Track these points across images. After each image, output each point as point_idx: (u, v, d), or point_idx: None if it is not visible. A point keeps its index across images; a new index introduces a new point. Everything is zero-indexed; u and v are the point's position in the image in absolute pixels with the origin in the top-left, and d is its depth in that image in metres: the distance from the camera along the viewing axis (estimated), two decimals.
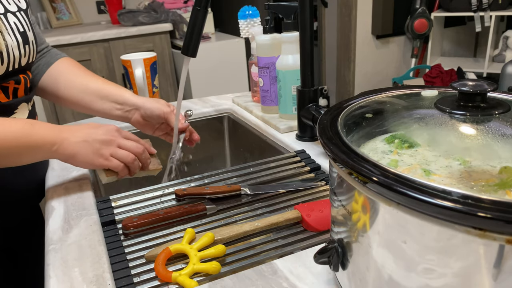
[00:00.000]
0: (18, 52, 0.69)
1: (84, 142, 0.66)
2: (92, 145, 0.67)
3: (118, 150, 0.69)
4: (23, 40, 0.70)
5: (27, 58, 0.72)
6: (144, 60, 1.01)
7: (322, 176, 0.72)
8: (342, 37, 2.93)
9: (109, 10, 2.63)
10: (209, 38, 2.64)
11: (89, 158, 0.67)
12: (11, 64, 0.68)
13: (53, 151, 0.65)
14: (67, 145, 0.65)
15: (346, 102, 0.45)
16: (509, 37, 2.74)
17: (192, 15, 0.73)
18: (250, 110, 1.03)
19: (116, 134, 0.70)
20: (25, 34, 0.71)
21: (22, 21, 0.71)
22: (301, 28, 0.76)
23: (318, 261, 0.41)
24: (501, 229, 0.26)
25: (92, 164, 0.68)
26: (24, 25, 0.71)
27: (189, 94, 2.53)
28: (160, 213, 0.61)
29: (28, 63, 0.73)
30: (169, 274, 0.49)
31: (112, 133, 0.69)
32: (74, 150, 0.66)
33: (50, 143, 0.64)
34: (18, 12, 0.71)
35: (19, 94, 0.73)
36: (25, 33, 0.71)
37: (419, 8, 2.79)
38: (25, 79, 0.73)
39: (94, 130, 0.68)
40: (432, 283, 0.31)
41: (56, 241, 0.57)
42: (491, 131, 0.35)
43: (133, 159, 0.70)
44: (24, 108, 0.75)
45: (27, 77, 0.74)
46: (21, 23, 0.71)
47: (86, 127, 0.69)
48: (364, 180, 0.31)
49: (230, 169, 0.75)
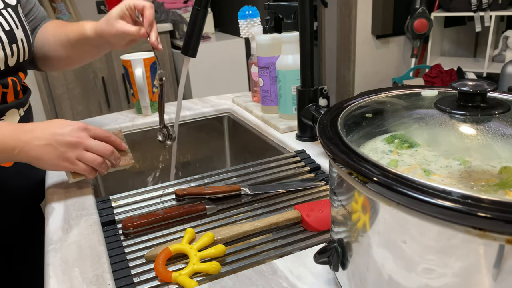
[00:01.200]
0: (2, 53, 0.66)
1: (48, 145, 0.62)
2: (56, 148, 0.63)
3: (85, 153, 0.65)
4: (8, 40, 0.67)
5: (15, 58, 0.68)
6: (144, 60, 1.01)
7: (322, 176, 0.72)
8: (342, 37, 2.93)
9: (109, 10, 2.63)
10: (209, 38, 2.64)
11: (53, 162, 0.63)
12: None
13: (15, 155, 0.62)
14: (29, 149, 0.62)
15: (346, 102, 0.45)
16: (509, 37, 2.74)
17: (192, 15, 0.73)
18: (250, 110, 1.03)
19: (83, 135, 0.65)
20: (11, 33, 0.67)
21: (9, 19, 0.68)
22: (301, 28, 0.76)
23: (318, 261, 0.41)
24: (501, 229, 0.26)
25: (58, 168, 0.65)
26: (11, 22, 0.68)
27: (189, 94, 2.53)
28: (160, 213, 0.61)
29: (19, 62, 0.70)
30: (169, 274, 0.49)
31: (79, 134, 0.64)
32: (37, 154, 0.62)
33: (11, 147, 0.61)
34: (4, 9, 0.68)
35: (8, 99, 0.69)
36: (12, 31, 0.68)
37: (419, 8, 2.79)
38: (14, 82, 0.70)
39: (60, 130, 0.63)
40: (432, 283, 0.31)
41: (56, 241, 0.57)
42: (491, 131, 0.35)
43: (100, 162, 0.66)
44: (13, 114, 0.72)
45: (17, 79, 0.71)
46: (7, 21, 0.67)
47: (53, 126, 0.64)
48: (364, 180, 0.31)
49: (230, 169, 0.75)
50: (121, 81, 2.52)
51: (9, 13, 0.69)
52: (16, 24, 0.70)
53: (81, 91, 2.45)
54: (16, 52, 0.69)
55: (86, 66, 2.42)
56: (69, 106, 2.45)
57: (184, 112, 1.07)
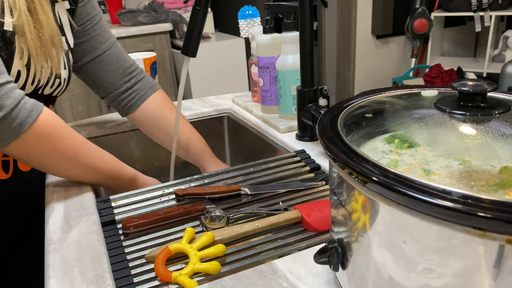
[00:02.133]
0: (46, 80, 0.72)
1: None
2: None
3: None
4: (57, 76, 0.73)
5: (53, 89, 0.75)
6: (144, 60, 1.01)
7: (322, 176, 0.72)
8: (342, 37, 2.93)
9: (109, 10, 2.63)
10: (209, 38, 2.64)
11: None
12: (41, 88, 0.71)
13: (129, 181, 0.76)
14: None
15: (346, 102, 0.45)
16: (509, 37, 2.74)
17: (192, 15, 0.73)
18: (250, 110, 1.03)
19: None
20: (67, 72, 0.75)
21: (65, 60, 0.75)
22: (301, 28, 0.76)
23: (318, 261, 0.41)
24: (501, 229, 0.26)
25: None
26: (66, 63, 0.75)
27: (189, 94, 2.53)
28: (160, 213, 0.61)
29: (52, 95, 0.76)
30: (169, 274, 0.49)
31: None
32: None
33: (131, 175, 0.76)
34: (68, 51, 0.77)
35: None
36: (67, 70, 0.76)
37: (419, 8, 2.79)
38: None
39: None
40: (432, 283, 0.31)
41: (56, 241, 0.57)
42: (491, 131, 0.35)
43: None
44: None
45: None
46: (64, 62, 0.75)
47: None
48: (364, 180, 0.31)
49: (230, 169, 0.75)
50: None
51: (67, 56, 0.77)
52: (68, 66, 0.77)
53: (81, 91, 2.45)
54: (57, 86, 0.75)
55: None
56: (69, 106, 2.45)
57: (184, 112, 1.07)
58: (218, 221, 0.59)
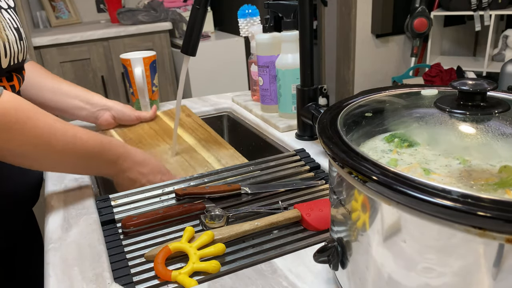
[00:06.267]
0: (16, 47, 0.68)
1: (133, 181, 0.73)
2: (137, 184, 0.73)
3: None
4: (18, 36, 0.70)
5: (22, 54, 0.72)
6: (144, 59, 1.01)
7: (321, 175, 0.72)
8: (342, 36, 2.93)
9: (109, 9, 2.63)
10: (208, 37, 2.64)
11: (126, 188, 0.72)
12: (13, 58, 0.67)
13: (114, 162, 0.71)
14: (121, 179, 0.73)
15: (345, 101, 0.45)
16: (509, 36, 2.74)
17: (192, 14, 0.73)
18: (250, 109, 1.03)
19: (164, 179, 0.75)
20: (19, 30, 0.71)
21: (14, 18, 0.71)
22: (301, 27, 0.76)
23: (317, 260, 0.41)
24: (500, 228, 0.26)
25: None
26: (16, 21, 0.71)
27: (188, 93, 2.53)
28: (159, 212, 0.61)
29: (23, 59, 0.73)
30: (169, 273, 0.49)
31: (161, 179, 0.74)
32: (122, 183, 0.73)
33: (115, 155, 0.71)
34: (9, 9, 0.71)
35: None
36: (19, 29, 0.71)
37: (418, 7, 2.79)
38: (18, 79, 0.72)
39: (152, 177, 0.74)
40: (431, 282, 0.31)
41: (55, 240, 0.57)
42: (491, 130, 0.35)
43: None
44: None
45: (21, 77, 0.73)
46: (14, 19, 0.71)
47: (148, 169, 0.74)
48: (363, 179, 0.31)
49: (229, 168, 0.75)
50: (121, 80, 2.51)
51: (13, 13, 0.72)
52: (19, 23, 0.72)
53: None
54: (23, 49, 0.72)
55: (86, 65, 2.42)
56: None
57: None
58: (217, 220, 0.59)
